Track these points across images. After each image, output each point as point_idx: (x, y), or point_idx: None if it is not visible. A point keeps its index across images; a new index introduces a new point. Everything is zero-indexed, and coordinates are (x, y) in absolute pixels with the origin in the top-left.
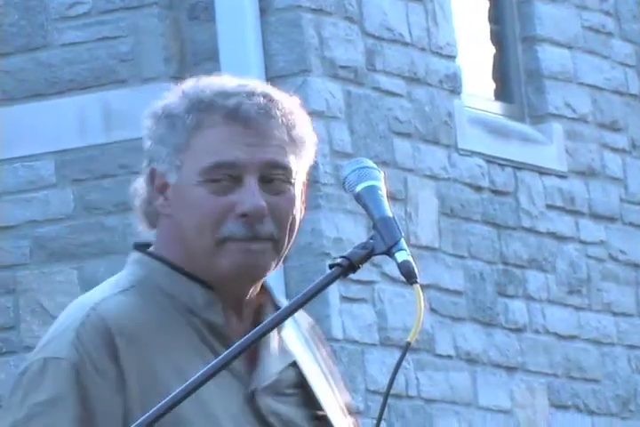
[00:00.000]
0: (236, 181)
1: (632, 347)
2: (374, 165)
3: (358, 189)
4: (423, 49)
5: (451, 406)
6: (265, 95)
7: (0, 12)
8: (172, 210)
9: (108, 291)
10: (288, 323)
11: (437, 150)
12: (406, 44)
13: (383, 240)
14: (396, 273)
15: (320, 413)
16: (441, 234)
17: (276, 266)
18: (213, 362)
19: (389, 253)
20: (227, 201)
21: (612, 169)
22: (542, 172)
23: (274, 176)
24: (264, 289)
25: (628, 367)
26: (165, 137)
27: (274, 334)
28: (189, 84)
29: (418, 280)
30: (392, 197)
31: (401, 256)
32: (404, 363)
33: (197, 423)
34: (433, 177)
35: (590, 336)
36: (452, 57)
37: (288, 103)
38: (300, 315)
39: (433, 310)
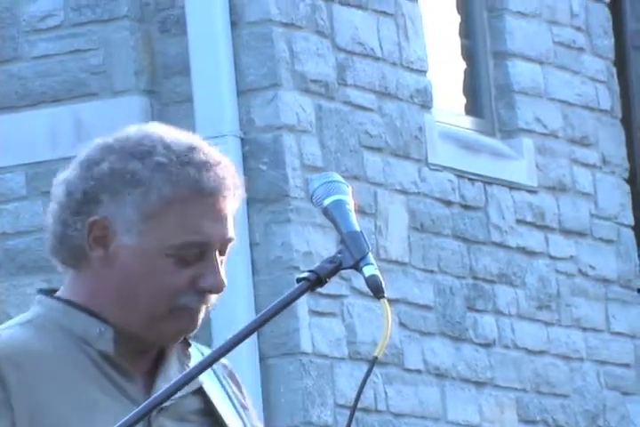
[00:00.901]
0: (200, 255)
1: (601, 362)
2: (342, 180)
3: (326, 203)
4: (394, 63)
5: (420, 421)
6: (217, 162)
7: None
8: (113, 267)
9: (5, 325)
10: (194, 356)
11: (408, 165)
12: (377, 59)
13: (351, 254)
14: (365, 287)
15: None
16: (411, 248)
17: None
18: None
19: (357, 267)
20: (189, 274)
21: (583, 184)
22: (512, 187)
23: (225, 249)
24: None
25: (597, 383)
26: (132, 196)
27: (174, 364)
28: (168, 141)
29: (385, 295)
30: (362, 211)
31: (368, 271)
32: (372, 377)
33: None
34: (403, 191)
35: (559, 351)
36: (422, 71)
37: (229, 164)
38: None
39: (402, 325)
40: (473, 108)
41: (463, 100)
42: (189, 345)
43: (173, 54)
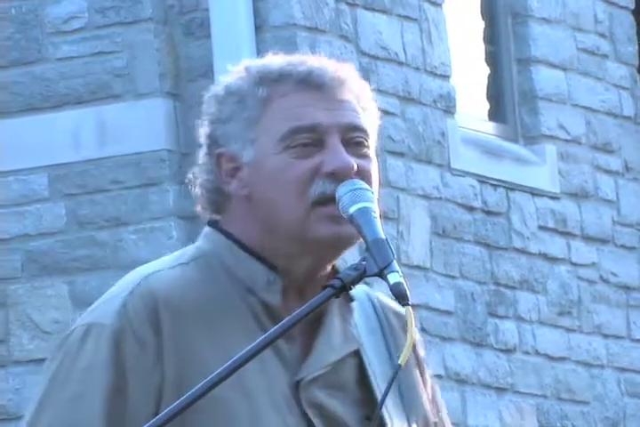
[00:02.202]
0: (318, 145)
1: (621, 369)
2: (368, 187)
3: (352, 210)
4: (418, 68)
5: None
6: (333, 64)
7: None
8: (249, 189)
9: (167, 263)
10: (357, 308)
11: (430, 170)
12: (401, 64)
13: (375, 262)
14: (389, 294)
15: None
16: (432, 254)
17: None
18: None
19: (381, 274)
20: (311, 163)
21: (605, 191)
22: (535, 193)
23: (356, 139)
24: (335, 272)
25: (618, 390)
26: (235, 113)
27: (336, 320)
28: (249, 63)
29: (410, 302)
30: (384, 217)
31: (393, 278)
32: None
33: (238, 410)
34: (425, 197)
35: (580, 358)
36: (446, 77)
37: (356, 76)
38: (386, 300)
39: (423, 330)
40: (496, 113)
41: (486, 106)
42: (352, 300)
43: (197, 57)
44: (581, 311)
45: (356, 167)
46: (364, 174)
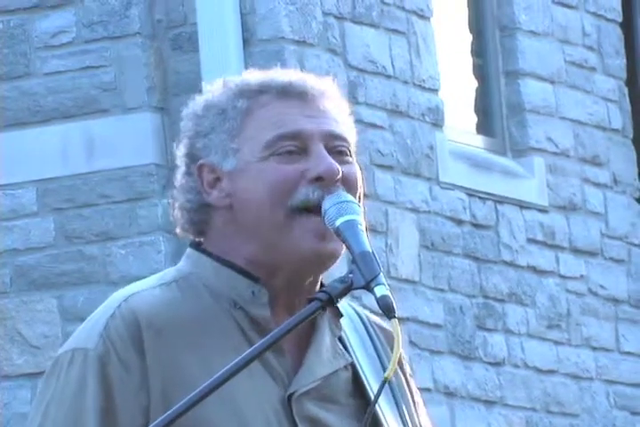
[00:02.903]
0: (302, 153)
1: (611, 382)
2: (354, 199)
3: (338, 223)
4: (406, 82)
5: None
6: (312, 76)
7: None
8: (231, 199)
9: (148, 284)
10: (347, 324)
11: (419, 183)
12: (389, 77)
13: (362, 275)
14: (376, 306)
15: None
16: (421, 267)
17: (342, 249)
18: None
19: (368, 287)
20: (296, 169)
21: (593, 204)
22: (523, 206)
23: (338, 148)
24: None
25: (607, 402)
26: (215, 126)
27: (326, 335)
28: (227, 79)
29: (396, 315)
30: (373, 230)
31: (380, 291)
32: None
33: (225, 425)
34: (414, 210)
35: (569, 371)
36: (434, 90)
37: (335, 89)
38: (373, 317)
39: (412, 343)
40: (484, 126)
41: (475, 119)
42: (341, 316)
43: (185, 71)
44: (570, 324)
45: (340, 173)
46: (349, 181)
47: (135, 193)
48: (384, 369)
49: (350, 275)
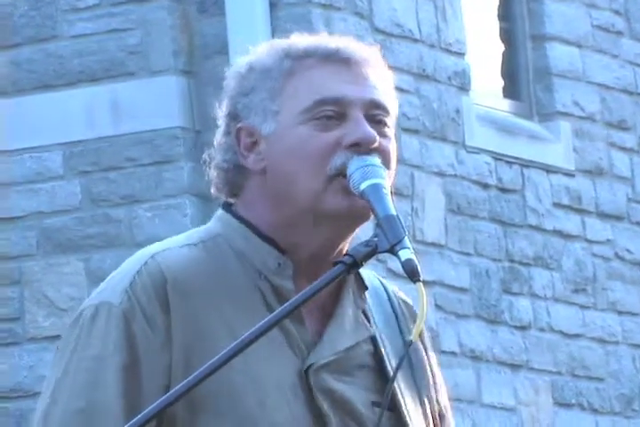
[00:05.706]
0: (340, 118)
1: (636, 346)
2: (379, 163)
3: (363, 186)
4: (432, 46)
5: (454, 404)
6: (361, 44)
7: (10, 3)
8: (267, 163)
9: (175, 243)
10: (372, 297)
11: (445, 147)
12: (415, 41)
13: (387, 238)
14: (401, 270)
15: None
16: (447, 231)
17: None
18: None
19: (393, 251)
20: (333, 136)
21: (620, 168)
22: (549, 170)
23: (378, 117)
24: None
25: (633, 366)
26: (258, 85)
27: (349, 307)
28: (274, 41)
29: (421, 278)
30: (399, 194)
31: (404, 254)
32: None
33: (244, 393)
34: (440, 174)
35: (595, 335)
36: (461, 54)
37: (381, 60)
38: (397, 292)
39: (438, 307)
40: (511, 90)
41: (501, 83)
42: (366, 288)
43: (212, 34)
44: (596, 288)
45: (377, 142)
46: (383, 153)
47: (161, 156)
48: (404, 343)
49: (375, 238)
